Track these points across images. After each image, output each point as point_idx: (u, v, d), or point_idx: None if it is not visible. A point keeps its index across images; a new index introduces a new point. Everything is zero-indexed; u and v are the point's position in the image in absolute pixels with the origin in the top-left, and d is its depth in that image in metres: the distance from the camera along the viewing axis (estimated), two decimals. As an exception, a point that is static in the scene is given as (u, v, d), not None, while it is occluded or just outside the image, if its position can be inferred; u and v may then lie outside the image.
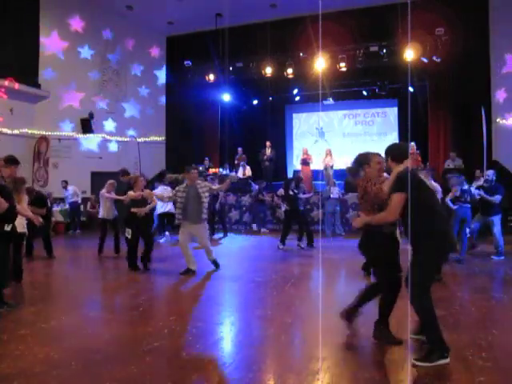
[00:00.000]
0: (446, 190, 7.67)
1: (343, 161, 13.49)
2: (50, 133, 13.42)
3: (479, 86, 12.06)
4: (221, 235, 11.11)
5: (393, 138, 15.05)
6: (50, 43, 13.41)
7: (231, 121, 15.02)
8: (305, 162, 13.20)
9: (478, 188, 7.82)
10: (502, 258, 7.40)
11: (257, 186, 12.45)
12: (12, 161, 5.04)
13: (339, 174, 12.58)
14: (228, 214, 12.78)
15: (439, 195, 6.02)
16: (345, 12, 12.54)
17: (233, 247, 9.69)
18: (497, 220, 7.46)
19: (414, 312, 3.22)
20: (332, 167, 12.96)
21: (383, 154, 3.54)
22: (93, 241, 11.11)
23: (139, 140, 14.61)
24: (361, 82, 14.19)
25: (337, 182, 11.59)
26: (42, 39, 13.22)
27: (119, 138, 14.67)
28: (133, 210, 6.70)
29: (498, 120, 12.12)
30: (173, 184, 13.28)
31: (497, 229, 7.44)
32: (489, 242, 8.09)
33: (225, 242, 10.29)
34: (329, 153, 13.14)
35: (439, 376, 2.94)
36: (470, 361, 3.16)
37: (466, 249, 7.40)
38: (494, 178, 7.68)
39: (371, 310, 3.68)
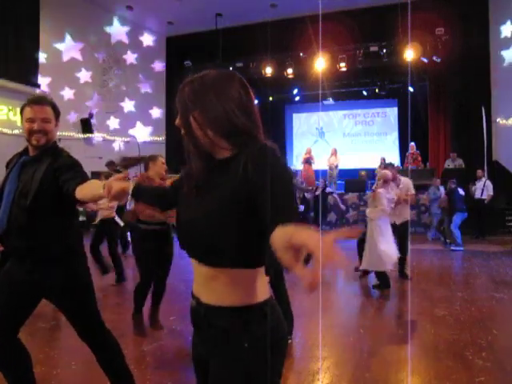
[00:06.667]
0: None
1: (343, 161, 13.51)
2: (49, 133, 13.41)
3: (479, 86, 12.05)
4: None
5: (393, 138, 15.07)
6: (50, 43, 13.41)
7: (231, 121, 15.00)
8: (307, 161, 13.18)
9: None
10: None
11: None
12: None
13: (342, 173, 12.65)
14: None
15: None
16: (345, 12, 12.51)
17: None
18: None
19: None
20: (337, 167, 12.93)
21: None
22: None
23: (139, 140, 14.61)
24: (361, 82, 14.17)
25: (338, 182, 11.57)
26: (42, 39, 13.20)
27: (119, 138, 14.66)
28: None
29: (498, 120, 12.12)
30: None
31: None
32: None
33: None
34: (334, 152, 13.08)
35: (439, 376, 2.94)
36: (470, 361, 3.16)
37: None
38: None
39: (371, 311, 3.67)
